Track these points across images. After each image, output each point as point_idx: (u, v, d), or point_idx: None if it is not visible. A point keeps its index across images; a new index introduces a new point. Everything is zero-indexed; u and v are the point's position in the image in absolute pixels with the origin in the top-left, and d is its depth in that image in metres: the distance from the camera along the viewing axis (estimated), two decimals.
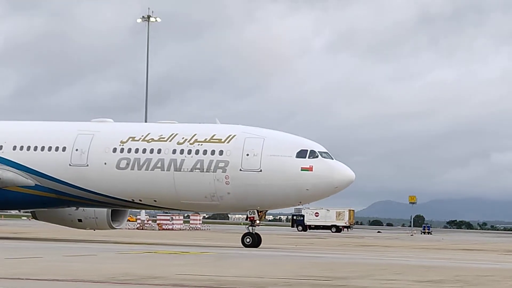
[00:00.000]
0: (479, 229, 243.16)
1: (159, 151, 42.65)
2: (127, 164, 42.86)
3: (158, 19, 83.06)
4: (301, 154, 41.31)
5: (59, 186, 43.97)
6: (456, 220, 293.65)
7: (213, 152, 41.74)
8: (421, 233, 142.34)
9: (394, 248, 52.49)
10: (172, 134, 42.88)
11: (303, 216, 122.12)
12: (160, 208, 49.35)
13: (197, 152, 42.01)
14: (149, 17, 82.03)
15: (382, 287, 19.97)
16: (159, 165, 42.47)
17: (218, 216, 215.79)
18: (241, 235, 43.30)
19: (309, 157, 41.23)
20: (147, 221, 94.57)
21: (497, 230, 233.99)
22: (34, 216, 49.99)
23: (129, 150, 43.06)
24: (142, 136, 43.22)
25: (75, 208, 46.14)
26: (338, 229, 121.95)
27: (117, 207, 46.01)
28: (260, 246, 42.10)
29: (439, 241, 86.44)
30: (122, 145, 43.17)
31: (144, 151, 42.87)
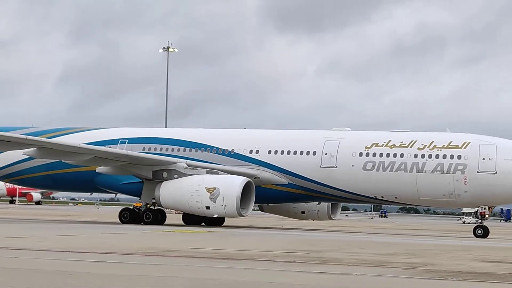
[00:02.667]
0: (424, 213, 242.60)
1: (401, 155, 40.20)
2: (373, 166, 40.35)
3: (176, 50, 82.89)
4: None
5: (309, 184, 41.58)
6: (406, 206, 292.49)
7: (452, 157, 39.35)
8: (379, 217, 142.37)
9: (358, 228, 52.48)
10: (412, 141, 40.42)
11: None
12: (399, 204, 45.82)
13: (437, 156, 39.59)
14: (168, 48, 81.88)
15: (349, 257, 20.00)
16: (402, 167, 39.97)
17: None
18: (472, 228, 41.80)
19: None
20: None
21: (438, 214, 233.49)
22: (261, 208, 48.43)
23: (374, 154, 40.56)
24: (384, 142, 40.75)
25: (317, 203, 44.40)
26: None
27: (359, 202, 44.00)
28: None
29: (393, 222, 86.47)
30: (367, 150, 40.67)
31: (387, 155, 40.38)
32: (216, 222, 43.18)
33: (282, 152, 42.08)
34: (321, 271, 15.99)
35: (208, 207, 38.93)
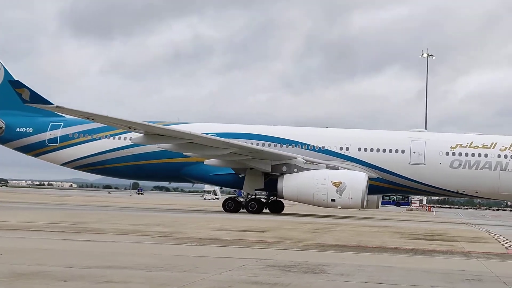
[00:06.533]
0: (173, 191, 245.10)
1: (485, 155, 38.14)
2: (459, 164, 38.17)
3: None
4: None
5: (397, 179, 38.89)
6: (159, 185, 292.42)
7: None
8: (136, 194, 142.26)
9: (119, 203, 52.10)
10: (493, 143, 38.43)
11: None
12: (478, 197, 42.72)
13: None
14: None
15: (109, 228, 19.81)
16: (486, 166, 38.00)
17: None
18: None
19: None
20: None
21: (184, 191, 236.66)
22: None
23: (460, 154, 38.37)
24: (467, 143, 38.57)
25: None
26: None
27: (441, 196, 41.29)
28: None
29: (148, 199, 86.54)
30: (453, 150, 38.45)
31: (472, 155, 38.25)
32: (277, 209, 41.13)
33: (372, 150, 39.69)
34: (85, 239, 15.71)
35: (333, 199, 36.36)
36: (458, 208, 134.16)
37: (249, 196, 39.53)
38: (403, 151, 39.39)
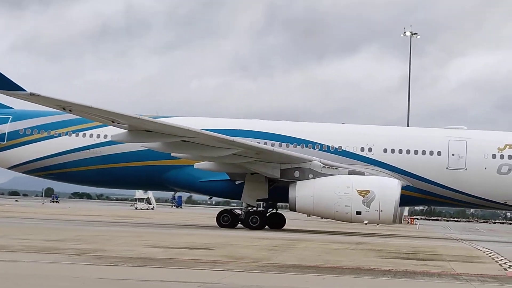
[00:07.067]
0: (97, 199, 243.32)
1: None
2: (509, 169, 37.60)
3: None
4: None
5: (431, 187, 38.16)
6: (79, 192, 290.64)
7: None
8: (50, 202, 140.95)
9: (29, 214, 51.59)
10: None
11: None
12: None
13: None
14: None
15: (17, 244, 19.60)
16: None
17: None
18: None
19: None
20: None
21: (111, 200, 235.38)
22: None
23: (509, 157, 37.80)
24: None
25: None
26: None
27: (484, 208, 41.01)
28: None
29: (65, 208, 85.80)
30: (501, 152, 37.79)
31: None
32: (277, 224, 40.75)
33: (400, 151, 38.87)
34: None
35: (359, 212, 35.36)
36: (447, 221, 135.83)
37: (250, 208, 39.06)
38: (439, 153, 39.00)
